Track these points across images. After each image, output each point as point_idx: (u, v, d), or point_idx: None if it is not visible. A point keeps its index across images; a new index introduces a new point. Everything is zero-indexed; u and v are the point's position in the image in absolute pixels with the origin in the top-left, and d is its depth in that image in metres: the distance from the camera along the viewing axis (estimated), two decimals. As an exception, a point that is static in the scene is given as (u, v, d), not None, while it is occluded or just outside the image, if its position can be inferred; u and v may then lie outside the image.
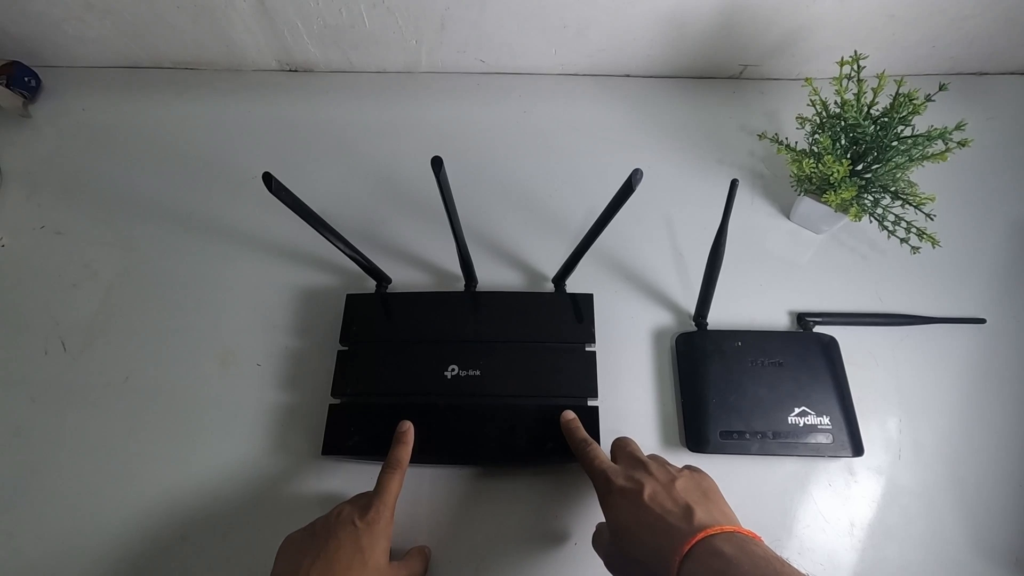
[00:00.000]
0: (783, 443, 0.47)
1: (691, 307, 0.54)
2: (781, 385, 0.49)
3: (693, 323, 0.54)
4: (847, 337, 0.52)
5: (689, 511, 0.35)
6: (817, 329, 0.53)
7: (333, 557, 0.37)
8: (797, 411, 0.48)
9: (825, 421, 0.48)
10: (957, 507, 0.48)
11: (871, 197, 0.52)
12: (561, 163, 0.64)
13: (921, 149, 0.48)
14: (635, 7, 0.60)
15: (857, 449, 0.47)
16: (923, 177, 0.51)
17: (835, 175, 0.50)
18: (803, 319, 0.54)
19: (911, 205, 0.49)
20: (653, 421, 0.51)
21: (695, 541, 0.32)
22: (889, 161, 0.49)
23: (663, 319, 0.55)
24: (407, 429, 0.46)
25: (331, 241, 0.46)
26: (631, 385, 0.52)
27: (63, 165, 0.65)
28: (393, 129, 0.67)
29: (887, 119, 0.49)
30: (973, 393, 0.52)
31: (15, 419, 0.52)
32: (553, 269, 0.54)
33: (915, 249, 0.50)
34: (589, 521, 0.46)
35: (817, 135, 0.53)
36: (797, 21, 0.61)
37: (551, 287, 0.55)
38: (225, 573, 0.46)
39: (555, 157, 0.65)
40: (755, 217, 0.61)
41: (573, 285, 0.54)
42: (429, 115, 0.68)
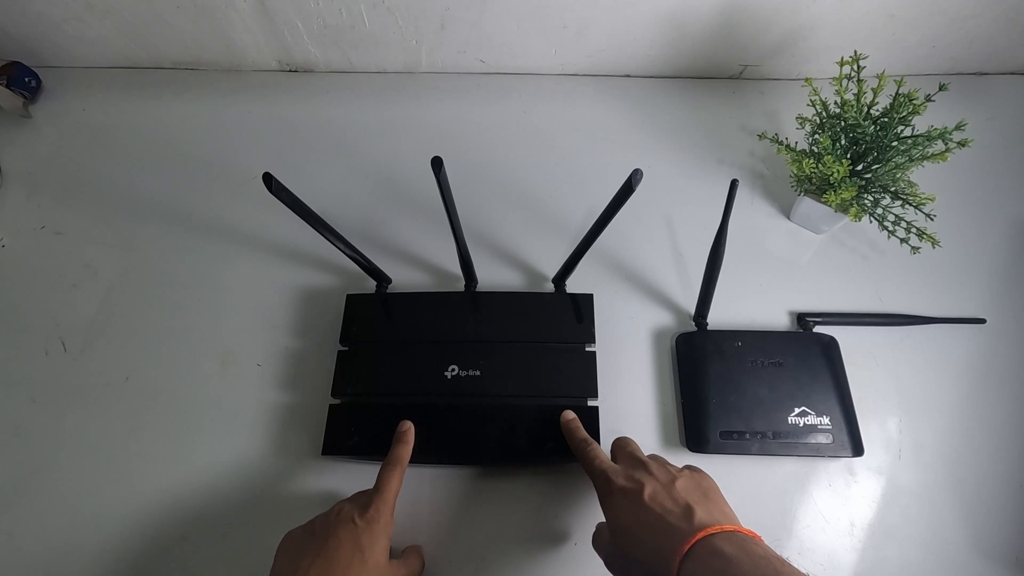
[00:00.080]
0: (783, 443, 0.47)
1: (691, 307, 0.54)
2: (781, 385, 0.49)
3: (693, 323, 0.54)
4: (847, 337, 0.52)
5: (689, 511, 0.35)
6: (817, 329, 0.53)
7: (333, 556, 0.37)
8: (797, 411, 0.48)
9: (825, 421, 0.48)
10: (957, 507, 0.48)
11: (871, 197, 0.52)
12: (561, 163, 0.64)
13: (921, 149, 0.48)
14: (635, 7, 0.60)
15: (857, 449, 0.47)
16: (923, 177, 0.51)
17: (835, 175, 0.50)
18: (803, 319, 0.54)
19: (911, 205, 0.49)
20: (653, 421, 0.51)
21: (695, 540, 0.32)
22: (889, 161, 0.49)
23: (663, 319, 0.55)
24: (407, 429, 0.46)
25: (331, 241, 0.46)
26: (631, 385, 0.52)
27: (63, 165, 0.65)
28: (393, 129, 0.67)
29: (887, 119, 0.49)
30: (973, 393, 0.52)
31: (15, 419, 0.52)
32: (553, 269, 0.54)
33: (915, 249, 0.50)
34: (589, 521, 0.46)
35: (817, 135, 0.53)
36: (797, 21, 0.61)
37: (551, 287, 0.55)
38: (225, 573, 0.46)
39: (555, 157, 0.65)
40: (755, 217, 0.61)
41: (573, 285, 0.54)
42: (429, 115, 0.68)
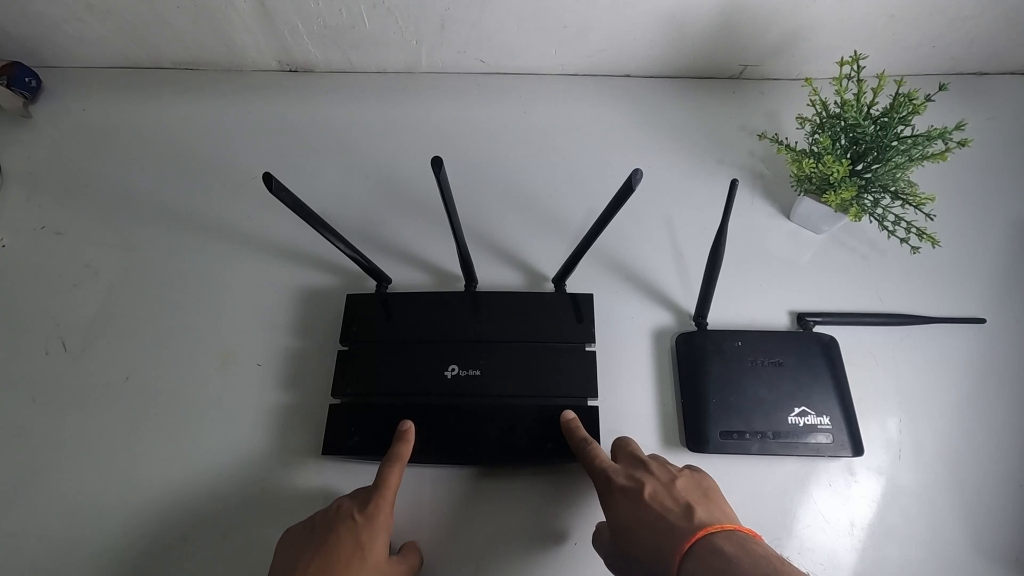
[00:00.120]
0: (783, 443, 0.47)
1: (691, 307, 0.54)
2: (781, 385, 0.49)
3: (693, 323, 0.54)
4: (847, 337, 0.52)
5: (689, 510, 0.35)
6: (817, 329, 0.53)
7: (332, 552, 0.37)
8: (797, 411, 0.48)
9: (825, 421, 0.48)
10: (957, 507, 0.48)
11: (871, 197, 0.52)
12: (561, 163, 0.64)
13: (921, 149, 0.48)
14: (635, 7, 0.60)
15: (857, 449, 0.47)
16: (923, 177, 0.51)
17: (835, 175, 0.50)
18: (803, 319, 0.54)
19: (911, 205, 0.49)
20: (653, 421, 0.51)
21: (695, 540, 0.32)
22: (889, 161, 0.49)
23: (663, 319, 0.55)
24: (408, 428, 0.46)
25: (331, 241, 0.46)
26: (631, 385, 0.52)
27: (63, 165, 0.65)
28: (393, 129, 0.67)
29: (887, 119, 0.49)
30: (973, 393, 0.52)
31: (15, 419, 0.52)
32: (553, 269, 0.54)
33: (915, 249, 0.50)
34: (589, 521, 0.46)
35: (817, 135, 0.53)
36: (797, 21, 0.61)
37: (551, 287, 0.55)
38: (225, 573, 0.46)
39: (555, 157, 0.65)
40: (755, 217, 0.61)
41: (573, 285, 0.54)
42: (429, 115, 0.68)
